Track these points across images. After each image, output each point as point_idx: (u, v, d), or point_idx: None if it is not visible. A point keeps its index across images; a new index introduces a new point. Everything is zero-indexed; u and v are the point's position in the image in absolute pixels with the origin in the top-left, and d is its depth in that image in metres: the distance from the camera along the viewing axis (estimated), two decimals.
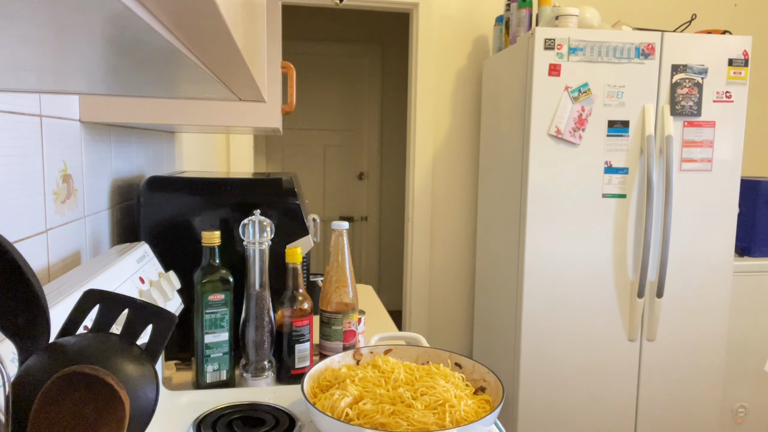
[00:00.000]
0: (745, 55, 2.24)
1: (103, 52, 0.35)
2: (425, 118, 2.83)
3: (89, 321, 0.53)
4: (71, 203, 0.96)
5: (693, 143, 2.26)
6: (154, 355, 0.53)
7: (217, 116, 1.07)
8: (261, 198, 1.16)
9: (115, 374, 0.47)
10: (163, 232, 1.13)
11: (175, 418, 0.91)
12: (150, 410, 0.51)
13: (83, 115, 1.00)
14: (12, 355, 0.51)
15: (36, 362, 0.48)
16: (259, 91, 0.57)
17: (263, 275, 1.06)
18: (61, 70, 0.44)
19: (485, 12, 2.84)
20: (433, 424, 0.81)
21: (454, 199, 2.90)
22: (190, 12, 0.27)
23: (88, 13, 0.24)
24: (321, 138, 4.39)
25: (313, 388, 0.93)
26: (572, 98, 2.16)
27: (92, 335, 0.52)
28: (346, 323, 1.13)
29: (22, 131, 0.79)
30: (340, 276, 1.13)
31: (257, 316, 1.06)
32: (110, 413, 0.46)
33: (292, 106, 1.27)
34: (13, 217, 0.76)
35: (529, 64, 2.16)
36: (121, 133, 1.24)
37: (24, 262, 0.45)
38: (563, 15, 2.21)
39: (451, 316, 2.95)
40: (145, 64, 0.39)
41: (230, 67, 0.43)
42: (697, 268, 2.27)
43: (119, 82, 0.51)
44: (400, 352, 1.06)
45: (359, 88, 4.40)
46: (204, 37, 0.32)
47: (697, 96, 2.24)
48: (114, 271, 0.85)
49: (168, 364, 1.16)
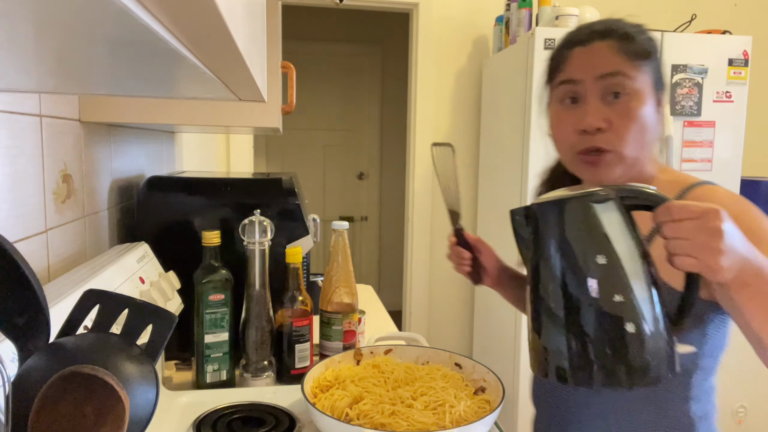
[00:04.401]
0: (745, 55, 2.24)
1: (103, 52, 0.35)
2: (425, 118, 2.83)
3: (89, 321, 0.53)
4: (71, 203, 0.96)
5: (693, 143, 2.26)
6: (154, 355, 0.53)
7: (217, 116, 1.07)
8: (261, 198, 1.16)
9: (115, 374, 0.47)
10: (163, 232, 1.13)
11: (175, 418, 0.91)
12: (150, 410, 0.51)
13: (83, 115, 1.00)
14: (12, 355, 0.51)
15: (36, 362, 0.48)
16: (259, 91, 0.57)
17: (263, 275, 1.06)
18: (61, 70, 0.44)
19: (485, 12, 2.84)
20: (432, 425, 0.81)
21: None
22: (190, 12, 0.27)
23: (88, 13, 0.24)
24: (321, 138, 4.39)
25: (313, 388, 0.93)
26: None
27: (92, 335, 0.52)
28: (346, 323, 1.13)
29: (22, 131, 0.79)
30: (340, 276, 1.13)
31: (257, 316, 1.06)
32: (110, 413, 0.46)
33: (292, 106, 1.27)
34: (13, 217, 0.76)
35: (529, 64, 2.16)
36: (121, 133, 1.24)
37: (24, 262, 0.45)
38: (563, 15, 2.21)
39: (451, 316, 2.95)
40: (145, 64, 0.39)
41: (230, 67, 0.43)
42: None
43: (119, 82, 0.52)
44: (400, 352, 1.06)
45: (359, 88, 4.39)
46: (204, 37, 0.32)
47: (697, 96, 2.24)
48: (114, 271, 0.85)
49: (168, 364, 1.16)
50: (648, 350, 0.62)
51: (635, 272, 0.63)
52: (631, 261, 0.63)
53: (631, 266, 0.63)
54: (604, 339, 0.62)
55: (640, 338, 0.62)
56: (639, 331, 0.62)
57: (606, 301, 0.62)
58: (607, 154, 0.82)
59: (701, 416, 0.84)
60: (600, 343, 0.62)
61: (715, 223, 0.60)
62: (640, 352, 0.62)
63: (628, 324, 0.62)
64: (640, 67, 0.83)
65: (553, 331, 0.65)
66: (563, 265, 0.65)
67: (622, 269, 0.63)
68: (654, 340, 0.62)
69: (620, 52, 0.83)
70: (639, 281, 0.63)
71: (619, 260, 0.63)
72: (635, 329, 0.62)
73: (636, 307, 0.62)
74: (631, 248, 0.63)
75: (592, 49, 0.84)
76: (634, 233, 0.64)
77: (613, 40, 0.83)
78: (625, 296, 0.62)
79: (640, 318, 0.62)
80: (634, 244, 0.64)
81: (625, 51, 0.83)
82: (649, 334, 0.62)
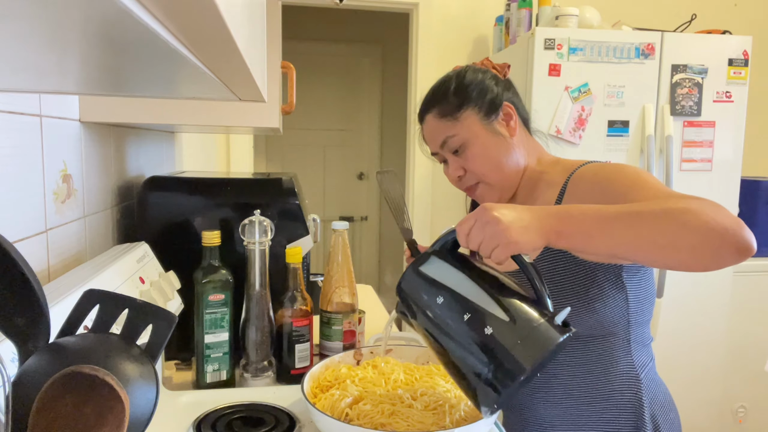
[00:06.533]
0: (745, 55, 2.24)
1: (103, 52, 0.35)
2: None
3: (89, 321, 0.53)
4: (71, 203, 0.96)
5: (693, 143, 2.26)
6: (154, 355, 0.53)
7: (217, 116, 1.07)
8: (261, 198, 1.16)
9: (115, 374, 0.47)
10: (163, 232, 1.13)
11: (175, 418, 0.91)
12: (150, 410, 0.51)
13: (83, 115, 1.00)
14: (12, 355, 0.51)
15: (36, 362, 0.48)
16: (259, 91, 0.57)
17: (263, 275, 1.06)
18: (61, 70, 0.44)
19: (485, 12, 2.84)
20: (432, 425, 0.81)
21: (454, 199, 2.90)
22: (190, 12, 0.27)
23: (88, 13, 0.24)
24: (321, 138, 4.39)
25: (313, 388, 0.93)
26: (572, 98, 2.16)
27: (92, 335, 0.52)
28: (346, 323, 1.13)
29: (22, 131, 0.79)
30: (340, 276, 1.13)
31: (257, 316, 1.06)
32: (110, 413, 0.46)
33: (292, 106, 1.27)
34: (13, 217, 0.76)
35: (529, 64, 2.16)
36: (121, 133, 1.24)
37: (24, 262, 0.45)
38: (563, 15, 2.21)
39: None
40: (145, 64, 0.39)
41: (230, 67, 0.43)
42: None
43: (119, 82, 0.52)
44: (400, 352, 1.06)
45: (359, 88, 4.39)
46: (204, 37, 0.32)
47: (697, 96, 2.24)
48: (114, 271, 0.85)
49: (168, 364, 1.16)
50: (518, 332, 0.69)
51: (471, 291, 0.73)
52: (464, 285, 0.74)
53: (465, 289, 0.74)
54: (482, 353, 0.70)
55: (502, 330, 0.70)
56: (498, 325, 0.70)
57: (459, 323, 0.73)
58: (477, 187, 1.05)
59: (643, 363, 0.98)
60: (480, 356, 0.71)
61: (487, 216, 0.71)
62: (512, 338, 0.69)
63: (487, 328, 0.71)
64: (459, 118, 1.01)
65: (458, 376, 0.75)
66: (427, 320, 0.77)
67: (459, 296, 0.74)
68: (518, 324, 0.70)
69: (441, 118, 1.03)
70: (478, 294, 0.73)
71: (453, 290, 0.74)
72: (492, 329, 0.70)
73: (484, 313, 0.71)
74: (460, 277, 0.75)
75: (426, 124, 1.07)
76: (459, 265, 0.77)
77: (434, 109, 1.04)
78: (470, 312, 0.72)
79: (491, 318, 0.71)
80: (463, 273, 0.76)
81: (443, 114, 1.03)
82: (508, 322, 0.70)
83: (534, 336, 0.69)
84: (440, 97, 1.03)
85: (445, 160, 1.07)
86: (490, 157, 1.01)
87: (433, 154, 1.08)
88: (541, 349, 0.69)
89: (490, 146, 1.01)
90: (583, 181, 0.93)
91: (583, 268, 0.93)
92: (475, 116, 1.01)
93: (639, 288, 0.96)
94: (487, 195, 1.04)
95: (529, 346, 0.68)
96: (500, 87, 1.05)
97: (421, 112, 1.07)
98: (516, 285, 0.76)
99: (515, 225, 0.70)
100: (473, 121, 1.01)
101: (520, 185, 1.05)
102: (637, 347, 0.98)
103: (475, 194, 1.06)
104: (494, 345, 0.70)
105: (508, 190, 1.04)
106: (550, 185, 1.00)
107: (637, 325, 0.97)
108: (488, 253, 0.72)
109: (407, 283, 0.80)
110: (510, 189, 1.04)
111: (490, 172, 1.02)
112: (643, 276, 0.97)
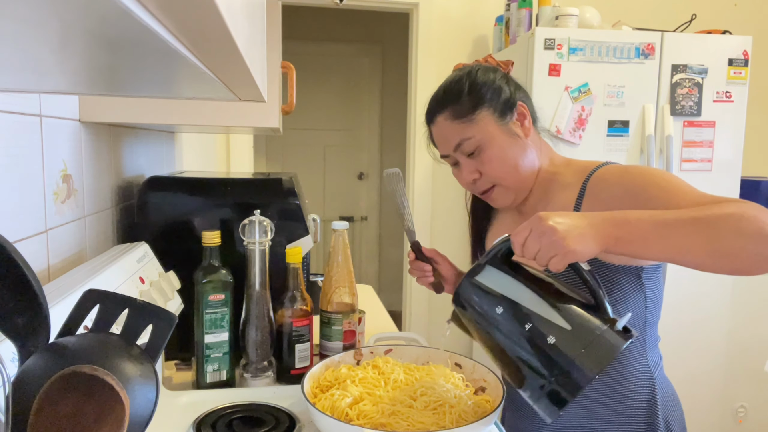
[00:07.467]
0: (745, 55, 2.24)
1: (103, 52, 0.35)
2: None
3: (89, 321, 0.53)
4: (71, 203, 0.96)
5: (693, 143, 2.26)
6: (154, 355, 0.53)
7: (217, 116, 1.07)
8: (261, 198, 1.16)
9: (115, 374, 0.47)
10: (163, 232, 1.13)
11: (175, 418, 0.91)
12: (150, 410, 0.51)
13: (83, 115, 1.00)
14: (12, 355, 0.51)
15: (36, 362, 0.48)
16: (259, 91, 0.57)
17: (263, 275, 1.06)
18: (60, 70, 0.44)
19: (485, 12, 2.84)
20: (432, 425, 0.81)
21: (454, 199, 2.90)
22: (190, 12, 0.27)
23: (88, 13, 0.24)
24: (321, 138, 4.39)
25: (313, 388, 0.93)
26: (572, 98, 2.16)
27: (92, 335, 0.52)
28: (346, 323, 1.13)
29: (22, 131, 0.79)
30: (340, 276, 1.13)
31: (257, 316, 1.06)
32: (110, 413, 0.46)
33: (292, 106, 1.27)
34: (13, 217, 0.76)
35: (529, 64, 2.16)
36: (121, 133, 1.24)
37: (24, 262, 0.45)
38: (563, 15, 2.21)
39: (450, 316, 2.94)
40: (145, 63, 0.39)
41: (230, 67, 0.43)
42: None
43: (119, 82, 0.52)
44: (400, 352, 1.06)
45: (359, 88, 4.39)
46: (204, 37, 0.32)
47: (697, 96, 2.24)
48: (114, 271, 0.85)
49: (168, 364, 1.16)
50: (581, 341, 0.70)
51: (530, 301, 0.74)
52: (523, 294, 0.75)
53: (524, 298, 0.74)
54: (546, 362, 0.71)
55: (566, 339, 0.70)
56: (561, 334, 0.70)
57: (520, 333, 0.73)
58: (492, 190, 1.02)
59: (655, 363, 0.99)
60: (545, 364, 0.71)
61: (543, 225, 0.71)
62: (576, 346, 0.70)
63: (549, 337, 0.71)
64: (473, 120, 0.98)
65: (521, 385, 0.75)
66: (486, 331, 0.78)
67: (518, 305, 0.74)
68: (579, 332, 0.70)
69: (455, 120, 0.99)
70: (537, 303, 0.73)
71: (513, 300, 0.75)
72: (554, 338, 0.71)
73: (545, 322, 0.72)
74: (517, 286, 0.75)
75: (437, 126, 1.03)
76: (515, 274, 0.77)
77: (446, 111, 1.00)
78: (530, 322, 0.73)
79: (553, 327, 0.71)
80: (520, 282, 0.76)
81: (457, 116, 0.99)
82: (571, 330, 0.70)
83: (598, 343, 0.69)
84: (453, 98, 0.99)
85: (456, 163, 1.04)
86: (507, 159, 0.98)
87: (444, 156, 1.05)
88: (605, 357, 0.69)
89: (506, 148, 0.98)
90: (607, 184, 0.91)
91: (606, 270, 0.93)
92: (491, 117, 0.98)
93: (655, 289, 0.96)
94: (503, 198, 1.02)
95: (594, 354, 0.68)
96: (512, 87, 1.02)
97: (431, 114, 1.04)
98: (572, 291, 0.76)
99: (572, 234, 0.70)
100: (489, 123, 0.98)
101: (533, 187, 1.03)
102: (650, 347, 0.98)
103: (489, 197, 1.03)
104: (557, 354, 0.70)
105: (523, 192, 1.02)
106: (565, 187, 0.98)
107: (651, 325, 0.98)
108: (545, 262, 0.71)
109: (464, 294, 0.79)
110: (525, 191, 1.02)
111: (508, 175, 0.99)
112: (659, 277, 0.97)
